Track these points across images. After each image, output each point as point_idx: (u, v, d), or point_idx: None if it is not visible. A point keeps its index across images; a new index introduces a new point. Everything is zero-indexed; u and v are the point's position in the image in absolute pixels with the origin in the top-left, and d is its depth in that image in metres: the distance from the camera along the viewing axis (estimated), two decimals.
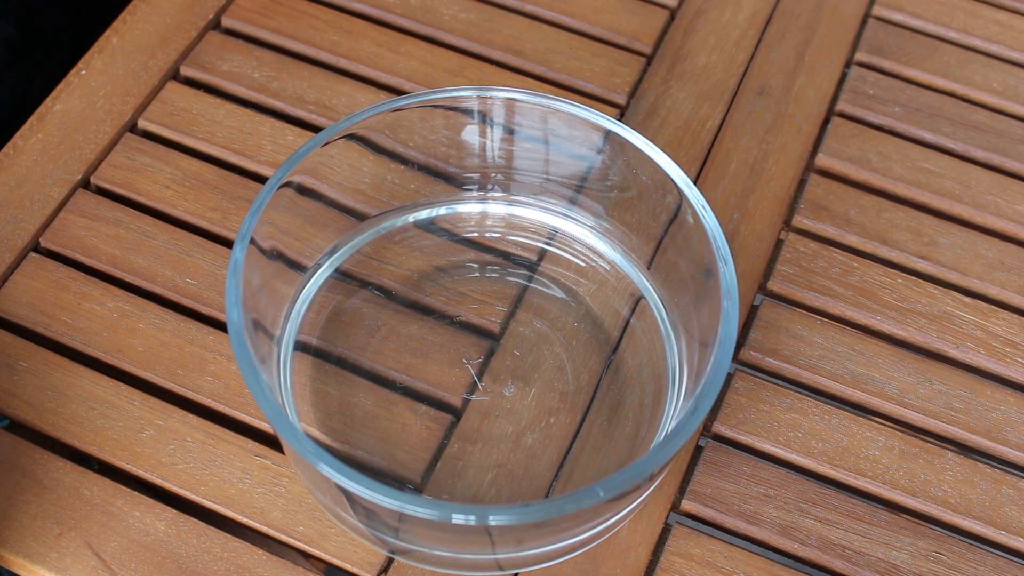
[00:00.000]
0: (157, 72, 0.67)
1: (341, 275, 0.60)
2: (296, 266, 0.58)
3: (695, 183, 0.64)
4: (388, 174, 0.60)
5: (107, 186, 0.63)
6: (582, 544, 0.52)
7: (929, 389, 0.58)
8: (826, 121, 0.68)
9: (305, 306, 0.58)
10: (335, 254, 0.60)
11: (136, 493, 0.54)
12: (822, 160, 0.66)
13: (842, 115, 0.68)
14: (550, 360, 0.58)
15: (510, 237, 0.62)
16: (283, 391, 0.55)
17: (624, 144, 0.56)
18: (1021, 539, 0.54)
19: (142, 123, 0.66)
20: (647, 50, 0.70)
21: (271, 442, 0.56)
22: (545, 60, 0.69)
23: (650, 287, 0.59)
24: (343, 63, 0.69)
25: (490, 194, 0.62)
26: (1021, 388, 0.59)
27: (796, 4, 0.73)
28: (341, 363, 0.58)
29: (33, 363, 0.57)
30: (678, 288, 0.57)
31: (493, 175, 0.61)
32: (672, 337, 0.57)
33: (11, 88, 0.73)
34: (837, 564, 0.53)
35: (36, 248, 0.61)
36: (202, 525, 0.53)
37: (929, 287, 0.61)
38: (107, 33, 0.69)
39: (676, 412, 0.54)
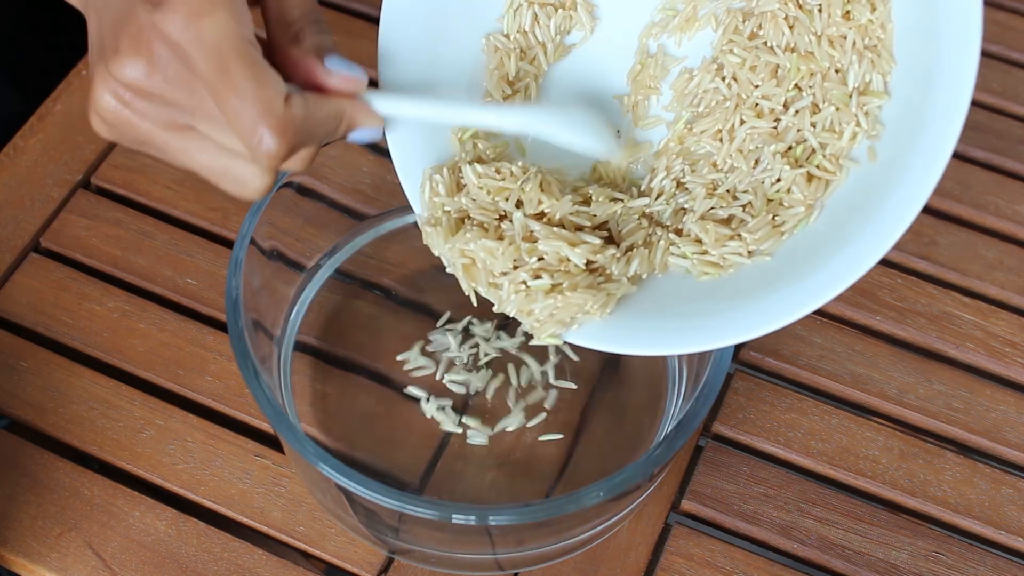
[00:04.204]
0: None
1: (341, 275, 0.60)
2: (296, 266, 0.58)
3: None
4: (388, 174, 0.60)
5: (107, 186, 0.63)
6: (582, 544, 0.52)
7: (929, 389, 0.58)
8: None
9: (305, 306, 0.58)
10: (335, 254, 0.60)
11: (136, 493, 0.54)
12: None
13: None
14: (550, 360, 0.57)
15: None
16: (283, 391, 0.55)
17: None
18: (1021, 539, 0.54)
19: None
20: None
21: (271, 442, 0.56)
22: None
23: None
24: None
25: None
26: (1021, 388, 0.59)
27: None
28: (341, 363, 0.58)
29: (33, 363, 0.57)
30: None
31: None
32: None
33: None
34: (837, 564, 0.53)
35: (36, 248, 0.61)
36: (202, 525, 0.53)
37: (929, 287, 0.61)
38: None
39: (676, 412, 0.54)
